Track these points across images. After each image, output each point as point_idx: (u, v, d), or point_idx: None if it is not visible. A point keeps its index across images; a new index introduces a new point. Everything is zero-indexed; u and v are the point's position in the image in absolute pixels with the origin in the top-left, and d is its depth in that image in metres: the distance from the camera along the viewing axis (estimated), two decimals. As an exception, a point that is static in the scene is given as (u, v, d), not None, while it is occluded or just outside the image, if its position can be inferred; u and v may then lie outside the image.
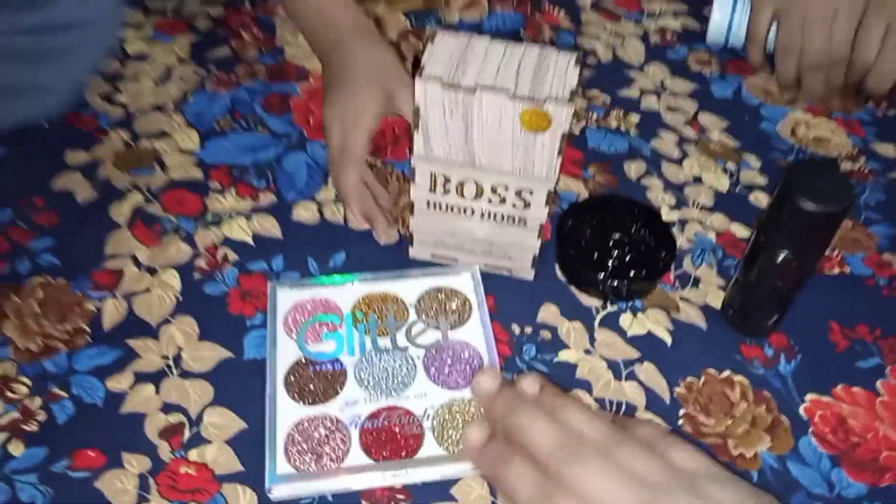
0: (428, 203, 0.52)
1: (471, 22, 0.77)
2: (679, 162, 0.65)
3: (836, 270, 0.58)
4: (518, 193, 0.49)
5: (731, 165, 0.65)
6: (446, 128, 0.46)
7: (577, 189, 0.62)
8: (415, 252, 0.56)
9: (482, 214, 0.51)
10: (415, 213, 0.53)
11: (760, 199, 0.62)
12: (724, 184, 0.63)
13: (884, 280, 0.57)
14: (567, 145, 0.46)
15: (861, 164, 0.66)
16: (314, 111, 0.67)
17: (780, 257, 0.47)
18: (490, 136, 0.46)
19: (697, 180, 0.63)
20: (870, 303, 0.55)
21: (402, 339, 0.50)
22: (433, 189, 0.51)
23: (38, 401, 0.47)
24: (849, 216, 0.61)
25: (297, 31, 0.73)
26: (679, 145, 0.66)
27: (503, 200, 0.50)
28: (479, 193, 0.50)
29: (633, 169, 0.64)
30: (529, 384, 0.34)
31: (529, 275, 0.55)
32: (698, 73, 0.73)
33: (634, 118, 0.68)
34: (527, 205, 0.50)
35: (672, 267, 0.56)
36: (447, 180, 0.50)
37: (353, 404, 0.47)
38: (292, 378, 0.48)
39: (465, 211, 0.52)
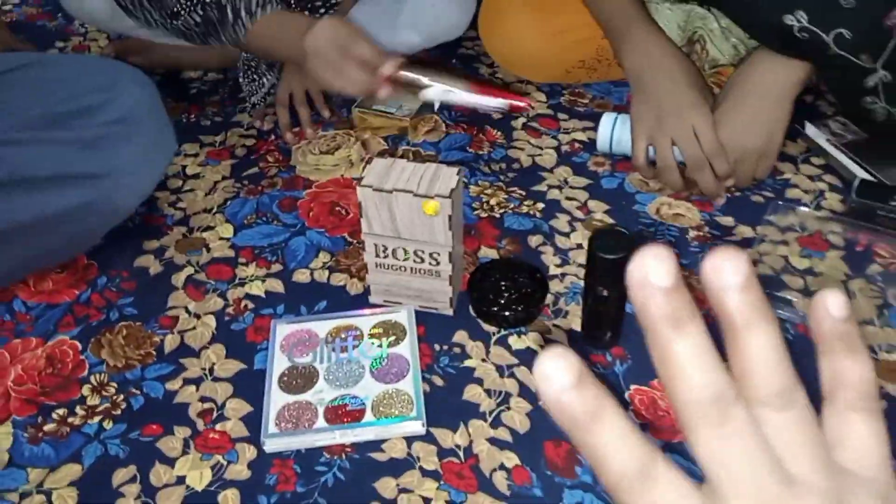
0: (376, 264, 0.78)
1: (431, 142, 1.06)
2: (568, 235, 0.90)
3: (672, 306, 0.81)
4: (430, 255, 0.75)
5: (606, 236, 0.89)
6: (379, 214, 0.73)
7: (492, 254, 0.87)
8: (373, 298, 0.82)
9: (411, 270, 0.77)
10: (369, 272, 0.79)
11: (625, 259, 0.86)
12: (598, 249, 0.88)
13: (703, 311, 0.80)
14: (488, 226, 0.72)
15: (704, 232, 0.90)
16: (313, 208, 0.95)
17: (596, 292, 0.71)
18: (406, 219, 0.73)
19: (579, 246, 0.88)
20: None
21: (356, 354, 0.75)
22: (378, 255, 0.77)
23: (121, 396, 0.74)
24: (687, 269, 0.84)
25: (306, 154, 1.03)
26: (570, 223, 0.91)
27: (422, 260, 0.76)
28: (406, 257, 0.76)
29: (534, 240, 0.89)
30: (732, 271, 0.21)
31: (449, 311, 0.80)
32: (594, 171, 1.00)
33: (540, 205, 0.94)
34: (437, 263, 0.76)
35: (547, 304, 0.80)
36: (385, 248, 0.76)
37: (320, 392, 0.72)
38: (284, 378, 0.73)
39: (400, 269, 0.78)
